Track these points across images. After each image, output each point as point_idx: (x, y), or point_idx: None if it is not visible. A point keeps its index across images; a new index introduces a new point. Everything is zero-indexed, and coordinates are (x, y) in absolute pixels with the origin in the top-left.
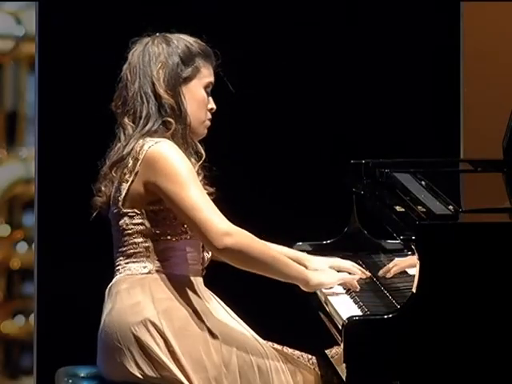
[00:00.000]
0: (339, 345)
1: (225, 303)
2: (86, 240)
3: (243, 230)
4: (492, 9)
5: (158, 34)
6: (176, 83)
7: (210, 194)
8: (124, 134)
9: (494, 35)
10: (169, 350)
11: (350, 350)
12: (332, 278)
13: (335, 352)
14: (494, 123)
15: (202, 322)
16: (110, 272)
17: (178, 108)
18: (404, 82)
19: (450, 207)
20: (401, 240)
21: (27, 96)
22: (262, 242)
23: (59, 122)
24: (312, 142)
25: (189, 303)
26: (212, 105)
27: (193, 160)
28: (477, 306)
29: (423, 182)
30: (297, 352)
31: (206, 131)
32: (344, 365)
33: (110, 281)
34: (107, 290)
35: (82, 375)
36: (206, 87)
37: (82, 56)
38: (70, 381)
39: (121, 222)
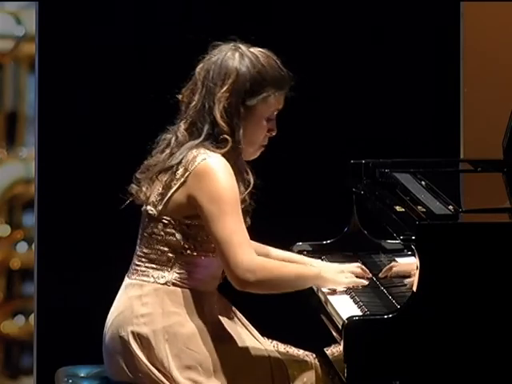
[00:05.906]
0: (339, 345)
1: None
2: (86, 240)
3: (265, 261)
4: (492, 9)
5: (238, 46)
6: (235, 112)
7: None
8: (176, 140)
9: (494, 35)
10: (164, 369)
11: (350, 349)
12: (345, 279)
13: (335, 351)
14: (494, 123)
15: (208, 340)
16: (109, 272)
17: (232, 135)
18: (404, 82)
19: (450, 207)
20: (401, 240)
21: (27, 96)
22: (281, 265)
23: (59, 122)
24: (312, 142)
25: (198, 320)
26: (273, 131)
27: (242, 188)
28: (477, 305)
29: (423, 182)
30: (301, 352)
31: (257, 154)
32: (344, 365)
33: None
34: (123, 286)
35: (82, 375)
36: (270, 115)
37: (82, 56)
38: (70, 381)
39: (152, 225)
